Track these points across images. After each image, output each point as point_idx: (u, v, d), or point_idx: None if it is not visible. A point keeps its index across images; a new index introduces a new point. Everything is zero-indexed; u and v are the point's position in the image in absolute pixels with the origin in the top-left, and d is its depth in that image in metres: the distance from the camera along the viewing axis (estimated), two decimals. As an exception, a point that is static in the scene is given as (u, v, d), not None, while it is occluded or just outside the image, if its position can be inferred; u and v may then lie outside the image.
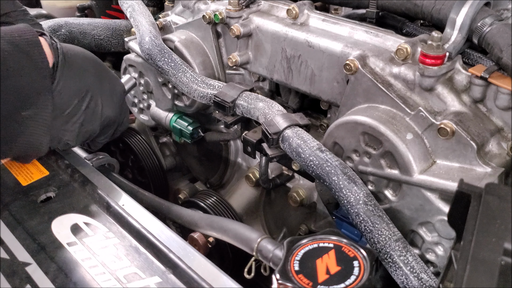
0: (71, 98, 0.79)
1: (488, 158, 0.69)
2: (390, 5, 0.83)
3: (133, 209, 0.75)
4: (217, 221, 0.81)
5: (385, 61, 0.76)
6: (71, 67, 0.79)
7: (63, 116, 0.78)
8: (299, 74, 0.89)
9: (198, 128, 1.11)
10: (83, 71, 0.82)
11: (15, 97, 0.70)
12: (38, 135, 0.75)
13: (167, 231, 0.70)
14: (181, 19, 1.11)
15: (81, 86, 0.80)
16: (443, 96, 0.72)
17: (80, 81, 0.80)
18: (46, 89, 0.74)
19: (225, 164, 1.16)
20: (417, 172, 0.70)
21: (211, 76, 1.04)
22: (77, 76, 0.80)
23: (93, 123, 0.84)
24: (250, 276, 0.74)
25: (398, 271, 0.63)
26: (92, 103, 0.82)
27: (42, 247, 0.68)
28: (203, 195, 1.11)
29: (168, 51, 0.97)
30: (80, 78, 0.80)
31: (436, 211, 0.70)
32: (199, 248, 0.96)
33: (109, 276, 0.64)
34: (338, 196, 0.69)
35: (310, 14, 0.89)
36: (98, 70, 0.86)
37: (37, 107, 0.73)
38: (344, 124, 0.76)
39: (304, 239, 0.64)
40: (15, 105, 0.71)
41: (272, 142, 0.78)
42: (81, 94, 0.80)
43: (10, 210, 0.75)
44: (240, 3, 0.95)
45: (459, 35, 0.72)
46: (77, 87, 0.80)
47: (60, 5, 1.60)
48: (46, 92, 0.74)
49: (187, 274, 0.64)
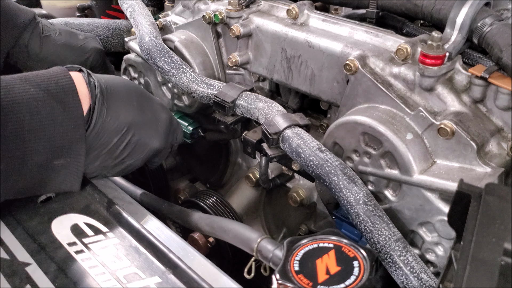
0: (110, 137, 0.74)
1: (488, 158, 0.69)
2: (390, 5, 0.83)
3: (133, 209, 0.75)
4: (217, 221, 0.81)
5: (385, 61, 0.76)
6: (110, 104, 0.74)
7: (101, 155, 0.75)
8: (299, 74, 0.89)
9: (198, 128, 1.11)
10: (123, 106, 0.76)
11: (47, 147, 0.67)
12: (70, 181, 0.72)
13: (167, 231, 0.71)
14: (181, 19, 1.11)
15: (121, 123, 0.75)
16: (443, 96, 0.72)
17: (120, 118, 0.75)
18: (79, 139, 0.70)
19: (225, 164, 1.16)
20: (417, 172, 0.70)
21: (211, 76, 1.04)
22: (116, 113, 0.75)
23: (136, 157, 0.79)
24: (250, 276, 0.74)
25: (398, 271, 0.63)
26: (134, 138, 0.77)
27: (42, 247, 0.68)
28: (203, 195, 1.11)
29: (168, 51, 0.97)
30: (120, 114, 0.75)
31: (436, 211, 0.70)
32: (199, 248, 0.96)
33: (109, 276, 0.64)
34: (338, 196, 0.69)
35: (310, 14, 0.89)
36: (139, 102, 0.80)
37: (70, 156, 0.69)
38: (344, 124, 0.76)
39: (304, 239, 0.64)
40: (47, 155, 0.67)
41: (272, 142, 0.78)
42: (121, 130, 0.75)
43: (10, 210, 0.75)
44: (240, 3, 0.95)
45: (459, 35, 0.72)
46: (116, 125, 0.75)
47: (60, 5, 1.60)
48: (80, 141, 0.70)
49: (187, 274, 0.64)
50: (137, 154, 0.79)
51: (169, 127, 0.86)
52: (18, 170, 0.66)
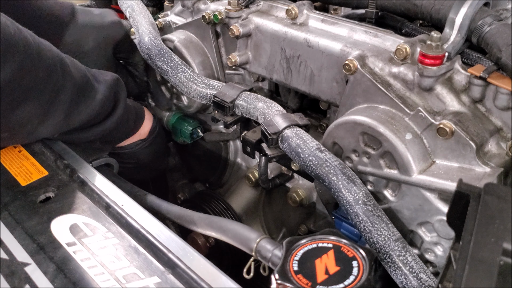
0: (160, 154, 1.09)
1: (487, 158, 0.69)
2: (389, 5, 0.83)
3: (132, 209, 0.74)
4: (216, 221, 0.81)
5: (384, 61, 0.76)
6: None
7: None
8: (298, 74, 0.89)
9: (197, 128, 1.11)
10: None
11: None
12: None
13: (166, 231, 0.70)
14: (181, 19, 1.11)
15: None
16: (442, 96, 0.72)
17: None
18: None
19: (224, 164, 1.16)
20: (416, 172, 0.70)
21: (211, 76, 1.04)
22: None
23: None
24: (249, 276, 0.74)
25: (397, 271, 0.63)
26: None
27: (41, 247, 0.68)
28: (202, 195, 1.11)
29: (167, 51, 0.97)
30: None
31: (435, 211, 0.70)
32: (198, 248, 0.96)
33: (108, 276, 0.64)
34: (337, 196, 0.69)
35: (309, 14, 0.89)
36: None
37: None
38: (343, 124, 0.76)
39: (303, 239, 0.64)
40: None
41: (272, 142, 0.78)
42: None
43: (9, 210, 0.75)
44: (240, 3, 0.95)
45: (458, 35, 0.72)
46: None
47: (60, 5, 1.59)
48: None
49: (186, 274, 0.64)
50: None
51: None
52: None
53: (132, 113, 0.98)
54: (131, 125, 0.99)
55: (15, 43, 0.71)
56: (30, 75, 0.74)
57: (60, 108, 0.80)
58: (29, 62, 0.74)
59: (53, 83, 0.78)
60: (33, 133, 0.82)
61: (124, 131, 0.98)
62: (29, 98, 0.76)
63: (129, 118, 0.97)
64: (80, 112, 0.85)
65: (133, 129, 1.00)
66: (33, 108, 0.77)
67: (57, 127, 0.83)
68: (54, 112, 0.80)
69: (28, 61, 0.74)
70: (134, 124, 1.00)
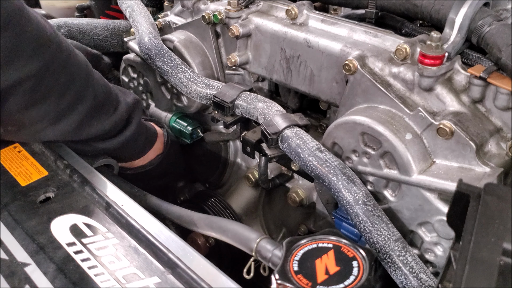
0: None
1: (487, 158, 0.69)
2: (389, 5, 0.83)
3: (132, 210, 0.74)
4: (216, 221, 0.81)
5: (384, 61, 0.76)
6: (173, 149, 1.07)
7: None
8: (298, 74, 0.89)
9: (197, 128, 1.11)
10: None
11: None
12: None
13: (166, 231, 0.70)
14: (180, 19, 1.11)
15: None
16: (442, 96, 0.72)
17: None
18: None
19: (224, 164, 1.16)
20: (416, 172, 0.70)
21: (210, 76, 1.04)
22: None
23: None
24: (249, 276, 0.74)
25: (397, 271, 0.63)
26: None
27: (41, 247, 0.68)
28: (202, 195, 1.11)
29: (167, 51, 0.97)
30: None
31: (435, 211, 0.70)
32: (198, 248, 0.96)
33: (108, 277, 0.64)
34: (337, 196, 0.69)
35: (309, 14, 0.89)
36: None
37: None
38: (343, 124, 0.76)
39: (303, 239, 0.64)
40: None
41: (272, 142, 0.78)
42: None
43: (9, 210, 0.75)
44: (239, 3, 0.95)
45: (458, 35, 0.72)
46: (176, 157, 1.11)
47: (59, 5, 1.60)
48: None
49: (186, 274, 0.64)
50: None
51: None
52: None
53: (142, 135, 0.98)
54: (139, 146, 0.98)
55: (49, 42, 0.75)
56: (54, 76, 0.75)
57: (74, 117, 0.81)
58: (56, 64, 0.76)
59: (75, 91, 0.79)
60: (39, 133, 0.81)
61: (130, 152, 0.98)
62: (47, 99, 0.76)
63: (138, 139, 0.96)
64: (92, 126, 0.84)
65: (140, 152, 1.00)
66: (48, 110, 0.77)
67: (64, 134, 0.83)
68: (68, 119, 0.80)
69: (55, 63, 0.75)
70: (144, 145, 1.00)
